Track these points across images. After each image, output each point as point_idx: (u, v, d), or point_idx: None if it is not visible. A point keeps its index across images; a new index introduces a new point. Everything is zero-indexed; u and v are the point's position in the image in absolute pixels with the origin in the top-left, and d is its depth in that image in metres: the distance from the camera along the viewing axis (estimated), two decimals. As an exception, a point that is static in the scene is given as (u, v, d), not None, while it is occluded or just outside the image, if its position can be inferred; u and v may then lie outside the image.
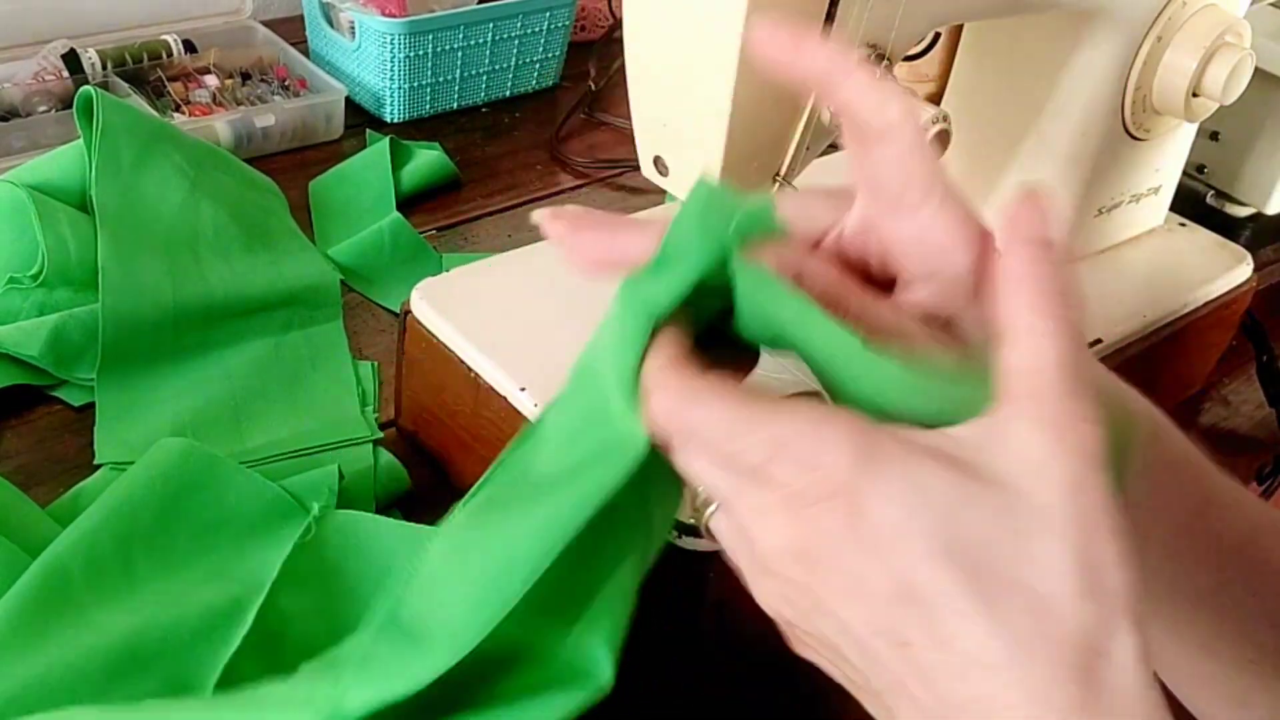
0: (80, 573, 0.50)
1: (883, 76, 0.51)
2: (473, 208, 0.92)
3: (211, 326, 0.71)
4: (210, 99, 0.95)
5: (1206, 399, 0.81)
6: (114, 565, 0.52)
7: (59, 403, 0.67)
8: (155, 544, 0.53)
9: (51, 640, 0.48)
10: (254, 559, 0.55)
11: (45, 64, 0.92)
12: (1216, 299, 0.74)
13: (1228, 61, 0.65)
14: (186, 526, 0.55)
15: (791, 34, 0.36)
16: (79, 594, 0.50)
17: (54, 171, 0.74)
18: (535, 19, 1.05)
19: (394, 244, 0.83)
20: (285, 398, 0.69)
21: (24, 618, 0.48)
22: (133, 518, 0.53)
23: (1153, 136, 0.71)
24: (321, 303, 0.76)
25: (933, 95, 0.95)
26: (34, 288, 0.69)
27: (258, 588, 0.52)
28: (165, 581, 0.52)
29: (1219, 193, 0.92)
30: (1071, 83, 0.67)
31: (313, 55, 1.07)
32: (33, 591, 0.49)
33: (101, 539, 0.52)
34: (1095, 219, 0.73)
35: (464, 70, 1.03)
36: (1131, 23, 0.65)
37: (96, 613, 0.50)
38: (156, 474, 0.56)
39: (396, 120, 1.02)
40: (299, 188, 0.89)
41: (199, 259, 0.74)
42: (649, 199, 0.93)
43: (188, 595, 0.52)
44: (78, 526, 0.53)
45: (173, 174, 0.76)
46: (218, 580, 0.53)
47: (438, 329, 0.61)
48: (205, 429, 0.65)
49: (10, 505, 0.56)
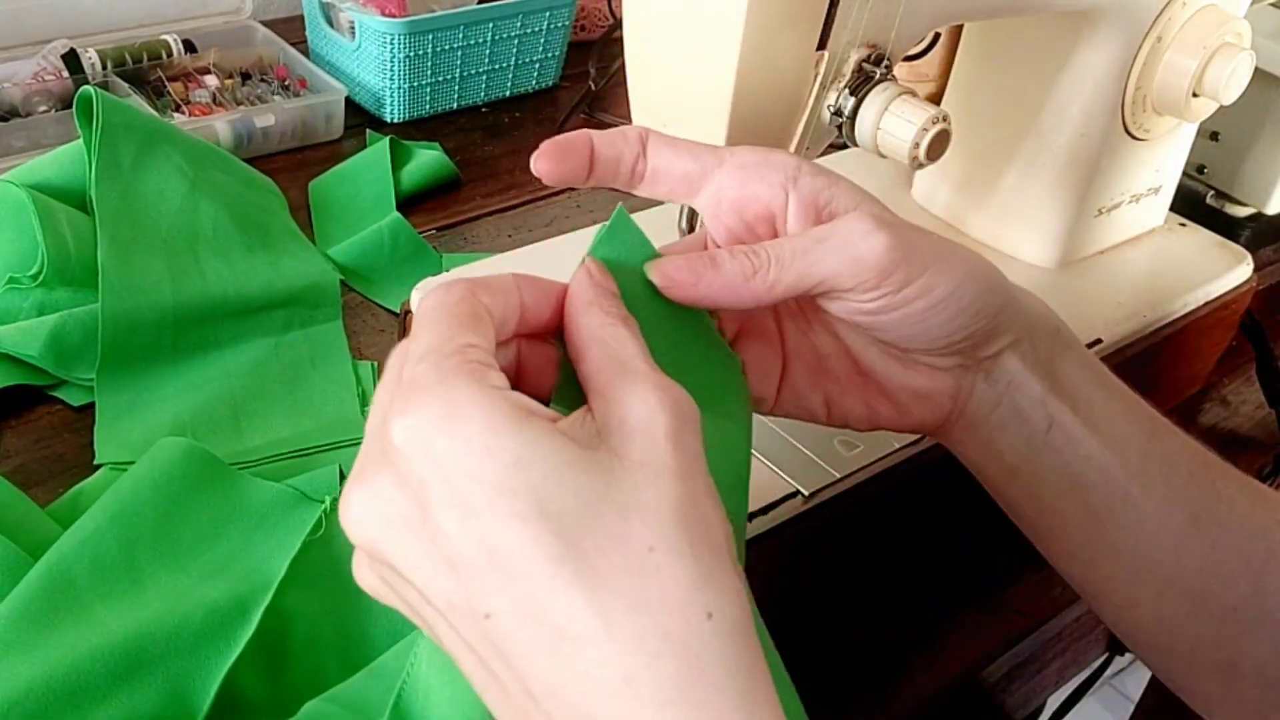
0: (85, 575, 0.50)
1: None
2: (473, 208, 0.92)
3: (211, 326, 0.71)
4: (210, 99, 0.95)
5: (1206, 399, 0.81)
6: (119, 567, 0.52)
7: (59, 403, 0.67)
8: (160, 544, 0.53)
9: (56, 642, 0.47)
10: (261, 556, 0.55)
11: (45, 64, 0.92)
12: (1216, 299, 0.74)
13: (1228, 61, 0.65)
14: (191, 525, 0.55)
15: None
16: (84, 596, 0.50)
17: (54, 171, 0.74)
18: (535, 19, 1.05)
19: (394, 244, 0.83)
20: (285, 397, 0.69)
21: (28, 620, 0.48)
22: (137, 518, 0.53)
23: (1153, 136, 0.71)
24: (321, 303, 0.76)
25: (933, 95, 0.95)
26: (33, 288, 0.69)
27: (264, 586, 0.52)
28: (171, 581, 0.52)
29: (1219, 193, 0.92)
30: (1071, 83, 0.67)
31: (313, 55, 1.07)
32: (37, 593, 0.49)
33: (106, 541, 0.52)
34: (1095, 219, 0.73)
35: (464, 70, 1.03)
36: (1131, 23, 0.65)
37: (102, 613, 0.50)
38: (160, 474, 0.56)
39: (396, 120, 1.02)
40: (299, 188, 0.89)
41: (199, 259, 0.74)
42: (649, 199, 0.93)
43: (192, 595, 0.51)
44: (81, 528, 0.53)
45: (172, 174, 0.76)
46: (223, 578, 0.53)
47: (438, 329, 0.61)
48: (205, 429, 0.65)
49: (10, 505, 0.56)
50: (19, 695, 0.45)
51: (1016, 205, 0.72)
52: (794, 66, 0.49)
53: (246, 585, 0.52)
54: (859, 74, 0.51)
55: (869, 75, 0.51)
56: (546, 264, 0.67)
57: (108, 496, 0.55)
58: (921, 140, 0.50)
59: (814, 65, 0.50)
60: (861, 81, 0.51)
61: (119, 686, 0.47)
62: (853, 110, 0.51)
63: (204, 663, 0.49)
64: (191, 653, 0.49)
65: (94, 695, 0.46)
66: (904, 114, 0.50)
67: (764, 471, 0.54)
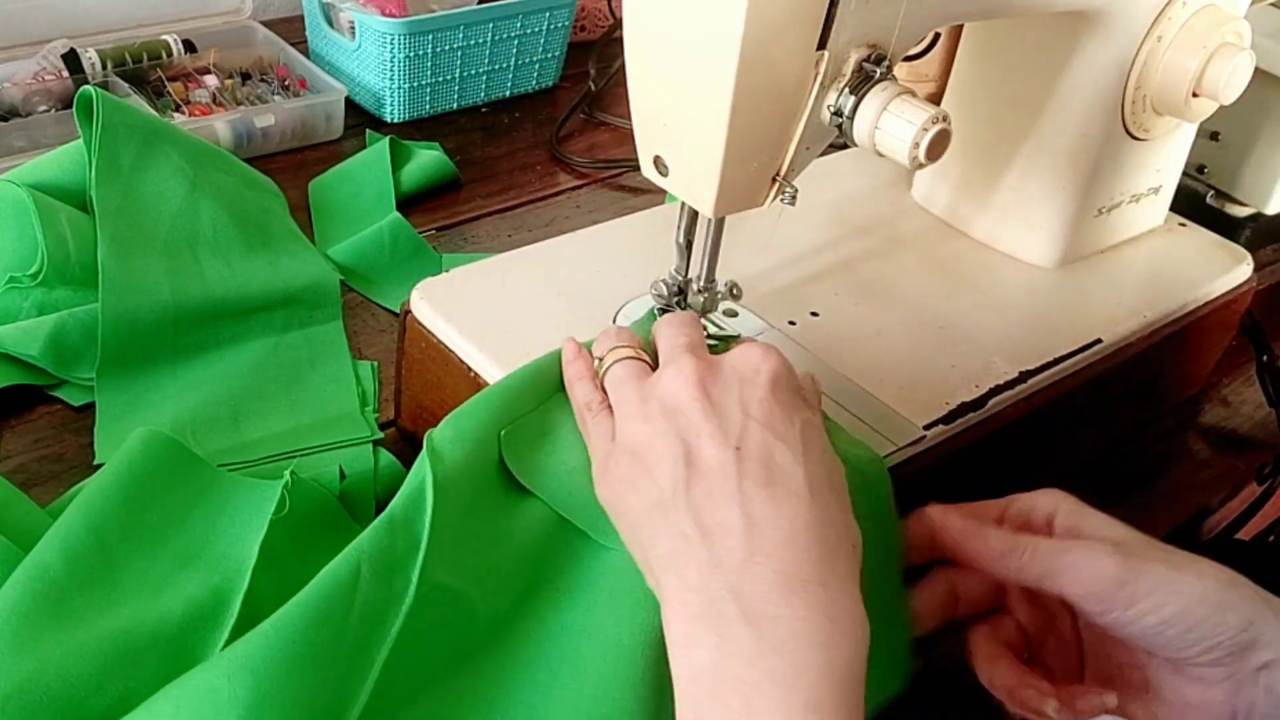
0: (59, 564, 0.50)
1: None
2: (473, 208, 0.92)
3: (211, 326, 0.71)
4: (210, 99, 0.95)
5: (1206, 399, 0.81)
6: (91, 552, 0.51)
7: (59, 403, 0.67)
8: (128, 529, 0.53)
9: (42, 638, 0.47)
10: (230, 540, 0.55)
11: (45, 64, 0.92)
12: (1216, 299, 0.74)
13: (1228, 61, 0.65)
14: (156, 510, 0.55)
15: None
16: (61, 585, 0.50)
17: (54, 171, 0.74)
18: (535, 19, 1.05)
19: (394, 244, 0.83)
20: (285, 398, 0.69)
21: (12, 617, 0.48)
22: (102, 505, 0.53)
23: (1153, 136, 0.71)
24: (321, 303, 0.76)
25: (933, 95, 0.95)
26: (33, 287, 0.69)
27: (238, 575, 0.52)
28: (144, 569, 0.52)
29: (1219, 193, 0.92)
30: (1071, 83, 0.67)
31: (313, 55, 1.07)
32: (17, 590, 0.49)
33: (75, 529, 0.52)
34: (1095, 219, 0.73)
35: (464, 70, 1.03)
36: (1131, 23, 0.65)
37: (80, 602, 0.49)
38: (122, 462, 0.56)
39: (396, 120, 1.02)
40: (299, 188, 0.89)
41: (198, 259, 0.74)
42: (649, 199, 0.94)
43: (168, 584, 0.52)
44: (55, 524, 0.53)
45: (172, 174, 0.76)
46: (195, 567, 0.53)
47: (438, 329, 0.61)
48: (205, 429, 0.65)
49: (10, 505, 0.56)
50: (9, 693, 0.45)
51: (1016, 205, 0.72)
52: (794, 66, 0.49)
53: (219, 574, 0.52)
54: (859, 74, 0.51)
55: (869, 75, 0.51)
56: (547, 264, 0.67)
57: (78, 494, 0.55)
58: (921, 140, 0.50)
59: (814, 65, 0.50)
60: (861, 81, 0.51)
61: (109, 683, 0.47)
62: (852, 110, 0.51)
63: (192, 655, 0.49)
64: (177, 645, 0.49)
65: (85, 693, 0.46)
66: (903, 114, 0.50)
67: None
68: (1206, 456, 0.76)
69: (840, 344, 0.62)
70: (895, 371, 0.61)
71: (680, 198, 0.56)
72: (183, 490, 0.57)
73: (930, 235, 0.75)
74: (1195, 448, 0.77)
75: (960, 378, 0.62)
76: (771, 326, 0.63)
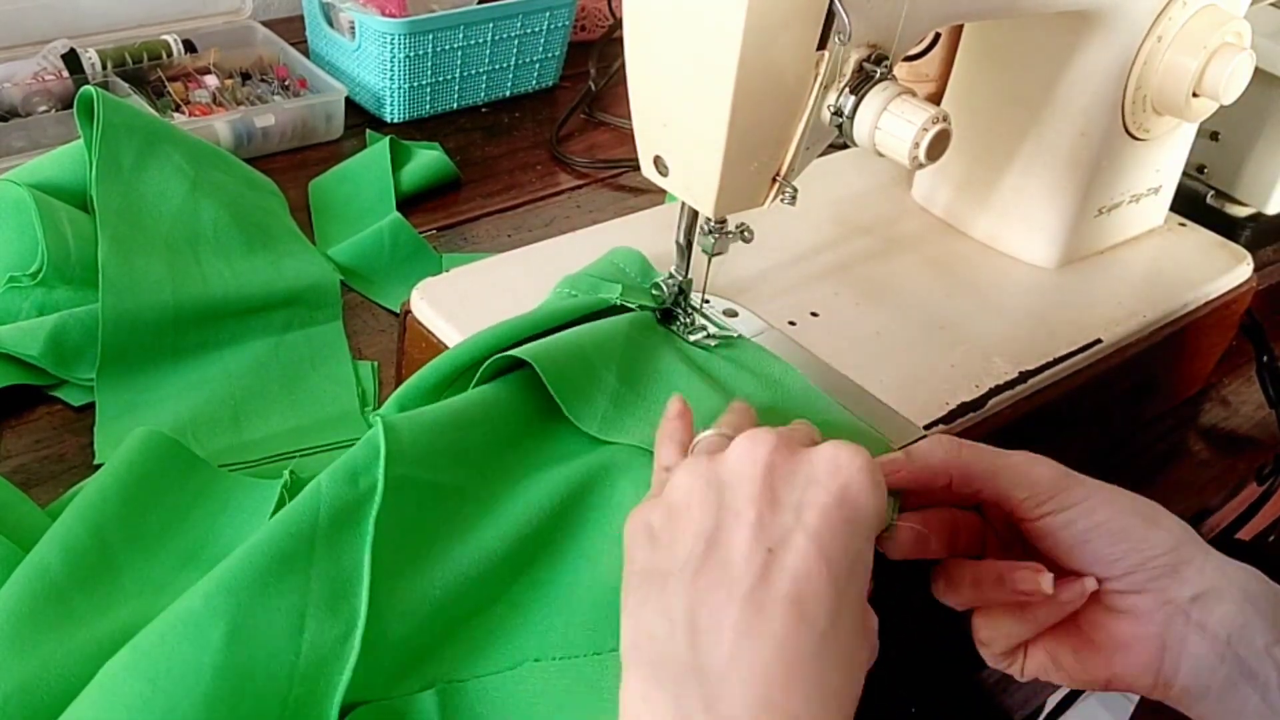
0: (59, 564, 0.50)
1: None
2: (473, 208, 0.92)
3: (211, 326, 0.71)
4: (210, 99, 0.95)
5: (1206, 399, 0.81)
6: (92, 553, 0.51)
7: (59, 403, 0.67)
8: (128, 529, 0.53)
9: (42, 638, 0.47)
10: (229, 541, 0.55)
11: (45, 64, 0.92)
12: (1216, 299, 0.74)
13: (1228, 61, 0.65)
14: (156, 510, 0.55)
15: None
16: (61, 585, 0.50)
17: (54, 171, 0.74)
18: (535, 19, 1.05)
19: (394, 244, 0.83)
20: (285, 398, 0.69)
21: (12, 617, 0.48)
22: (102, 505, 0.53)
23: (1153, 136, 0.71)
24: (321, 303, 0.76)
25: (933, 95, 0.95)
26: (34, 287, 0.69)
27: None
28: (145, 570, 0.52)
29: (1219, 193, 0.92)
30: (1072, 83, 0.67)
31: (313, 55, 1.07)
32: (17, 590, 0.49)
33: (75, 529, 0.52)
34: (1095, 219, 0.73)
35: (464, 70, 1.03)
36: (1131, 23, 0.65)
37: (80, 602, 0.49)
38: (122, 462, 0.56)
39: (396, 120, 1.02)
40: (299, 188, 0.89)
41: (199, 259, 0.74)
42: (649, 199, 0.94)
43: (168, 584, 0.52)
44: (55, 525, 0.53)
45: (173, 174, 0.76)
46: (195, 567, 0.53)
47: (438, 329, 0.61)
48: (205, 429, 0.65)
49: (10, 505, 0.56)
50: (12, 690, 0.45)
51: (1016, 205, 0.72)
52: (794, 66, 0.49)
53: None
54: (859, 74, 0.51)
55: (869, 75, 0.51)
56: (547, 264, 0.67)
57: (77, 494, 0.55)
58: (921, 140, 0.50)
59: (814, 65, 0.50)
60: (861, 81, 0.51)
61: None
62: (852, 110, 0.51)
63: None
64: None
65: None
66: (903, 114, 0.50)
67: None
68: (1206, 456, 0.76)
69: (840, 344, 0.62)
70: (895, 371, 0.61)
71: (680, 198, 0.56)
72: (183, 490, 0.57)
73: (930, 235, 0.75)
74: (1195, 448, 0.77)
75: (960, 378, 0.62)
76: (771, 326, 0.63)
